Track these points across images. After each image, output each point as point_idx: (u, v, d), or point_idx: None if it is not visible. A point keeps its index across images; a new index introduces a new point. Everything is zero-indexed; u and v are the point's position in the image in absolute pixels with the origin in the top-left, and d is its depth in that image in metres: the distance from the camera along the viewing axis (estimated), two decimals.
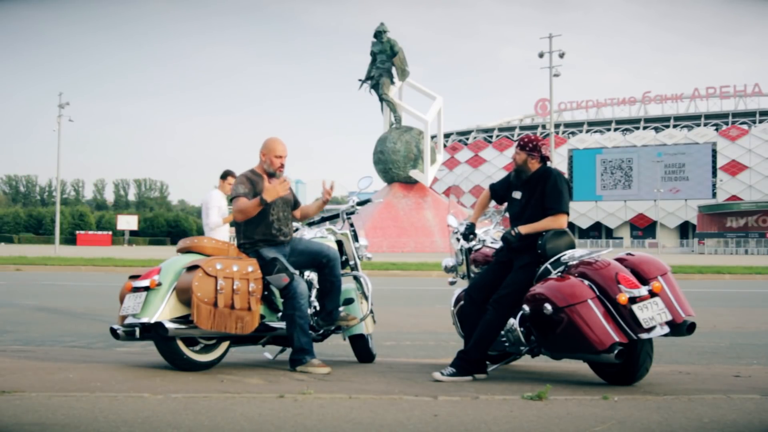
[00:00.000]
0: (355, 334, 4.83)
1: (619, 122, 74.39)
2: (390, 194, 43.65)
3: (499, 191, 4.54)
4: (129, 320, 3.99)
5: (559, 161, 65.45)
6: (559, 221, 4.16)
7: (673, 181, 67.89)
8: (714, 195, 66.45)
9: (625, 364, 3.84)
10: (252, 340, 4.49)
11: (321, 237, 4.90)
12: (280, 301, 4.37)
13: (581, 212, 69.61)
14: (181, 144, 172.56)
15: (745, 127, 66.98)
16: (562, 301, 3.73)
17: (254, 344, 4.61)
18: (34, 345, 5.87)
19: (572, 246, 4.17)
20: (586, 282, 3.81)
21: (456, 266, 4.81)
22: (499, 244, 4.50)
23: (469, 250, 4.73)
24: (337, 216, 5.22)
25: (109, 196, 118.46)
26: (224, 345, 4.36)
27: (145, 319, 3.92)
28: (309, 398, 3.44)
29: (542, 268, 4.09)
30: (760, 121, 67.26)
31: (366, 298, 4.87)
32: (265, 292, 4.28)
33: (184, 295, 3.95)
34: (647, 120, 73.54)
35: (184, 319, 3.98)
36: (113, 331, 4.05)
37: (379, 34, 44.39)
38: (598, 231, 71.20)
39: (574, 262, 3.98)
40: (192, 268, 4.01)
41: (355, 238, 5.07)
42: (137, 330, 3.97)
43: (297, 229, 5.00)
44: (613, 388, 3.81)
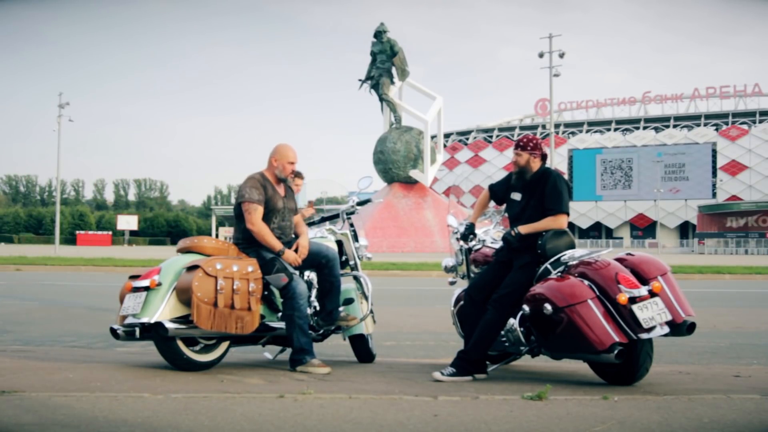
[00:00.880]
0: (355, 334, 4.83)
1: (619, 122, 74.40)
2: (390, 194, 43.63)
3: (498, 192, 4.54)
4: (129, 320, 3.99)
5: (559, 161, 65.46)
6: (559, 221, 4.16)
7: (673, 181, 67.90)
8: (714, 195, 66.45)
9: (625, 364, 3.84)
10: (252, 340, 4.49)
11: (321, 237, 4.90)
12: (280, 301, 4.37)
13: (581, 212, 69.60)
14: (181, 144, 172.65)
15: (745, 127, 66.99)
16: (562, 301, 3.73)
17: (254, 344, 4.61)
18: (34, 345, 5.87)
19: (572, 246, 4.17)
20: (586, 282, 3.81)
21: (456, 266, 4.81)
22: (499, 244, 4.50)
23: (469, 250, 4.74)
24: (337, 216, 5.22)
25: (109, 196, 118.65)
26: (224, 345, 4.36)
27: (145, 319, 3.93)
28: (309, 398, 3.44)
29: (542, 268, 4.09)
30: (760, 121, 67.28)
31: (366, 298, 4.87)
32: (265, 292, 4.28)
33: (184, 295, 3.95)
34: (647, 120, 73.55)
35: (184, 319, 3.98)
36: (113, 331, 4.06)
37: (379, 34, 44.36)
38: (598, 231, 71.20)
39: (574, 262, 3.98)
40: (192, 268, 4.01)
41: (355, 238, 5.07)
42: (137, 330, 3.97)
43: None
44: (613, 388, 3.81)
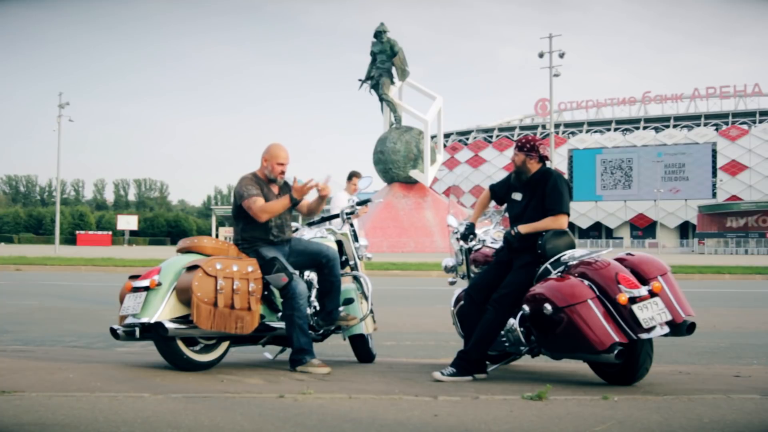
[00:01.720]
0: (355, 334, 4.83)
1: (619, 122, 74.41)
2: (390, 194, 43.63)
3: (498, 192, 4.54)
4: (129, 320, 3.99)
5: (559, 161, 65.46)
6: (559, 221, 4.16)
7: (673, 181, 67.92)
8: (714, 195, 66.46)
9: (625, 364, 3.84)
10: (252, 340, 4.48)
11: (321, 237, 4.90)
12: (280, 301, 4.36)
13: (581, 212, 69.62)
14: (181, 144, 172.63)
15: (745, 127, 67.01)
16: (562, 301, 3.73)
17: (254, 344, 4.61)
18: (34, 345, 5.86)
19: (572, 246, 4.17)
20: (586, 282, 3.81)
21: (456, 266, 4.81)
22: (499, 244, 4.50)
23: (469, 250, 4.74)
24: (337, 216, 5.22)
25: (109, 196, 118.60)
26: (224, 345, 4.36)
27: (145, 319, 3.92)
28: (309, 398, 3.44)
29: (542, 268, 4.09)
30: (760, 121, 67.30)
31: (366, 298, 4.87)
32: (265, 292, 4.28)
33: (184, 295, 3.95)
34: (647, 120, 73.57)
35: (184, 319, 3.98)
36: (113, 331, 4.06)
37: (379, 34, 44.37)
38: (598, 231, 71.21)
39: (574, 262, 3.98)
40: (192, 268, 4.01)
41: (355, 238, 5.07)
42: (137, 330, 3.97)
43: (297, 229, 5.00)
44: (613, 388, 3.81)
